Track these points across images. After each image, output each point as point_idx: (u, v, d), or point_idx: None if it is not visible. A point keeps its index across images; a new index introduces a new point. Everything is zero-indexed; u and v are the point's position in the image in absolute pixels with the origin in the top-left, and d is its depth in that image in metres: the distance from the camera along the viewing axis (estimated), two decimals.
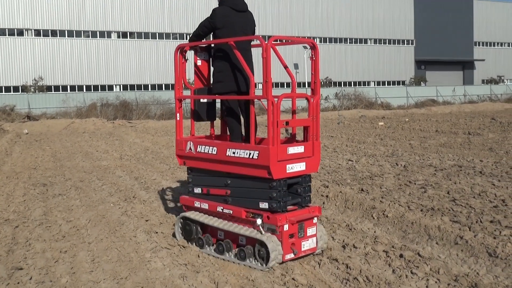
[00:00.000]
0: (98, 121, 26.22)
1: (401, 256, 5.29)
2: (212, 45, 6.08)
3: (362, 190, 8.23)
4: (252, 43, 5.98)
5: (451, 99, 42.61)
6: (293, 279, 4.78)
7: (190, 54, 6.06)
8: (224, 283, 4.72)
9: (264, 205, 5.13)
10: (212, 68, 6.13)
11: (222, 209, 5.49)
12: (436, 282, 4.62)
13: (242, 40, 5.56)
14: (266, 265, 4.96)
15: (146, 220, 6.93)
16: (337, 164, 11.18)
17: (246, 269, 5.12)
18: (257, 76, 6.03)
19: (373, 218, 6.87)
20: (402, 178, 9.21)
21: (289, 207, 5.22)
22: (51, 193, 8.93)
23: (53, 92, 39.23)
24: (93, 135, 21.49)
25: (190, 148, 5.79)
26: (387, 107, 36.81)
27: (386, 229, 6.42)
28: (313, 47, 5.44)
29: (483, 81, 58.18)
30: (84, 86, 42.14)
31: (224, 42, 5.58)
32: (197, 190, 5.85)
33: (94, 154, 14.64)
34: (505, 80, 57.66)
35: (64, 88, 41.36)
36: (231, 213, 5.40)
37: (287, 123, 5.15)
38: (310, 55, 5.52)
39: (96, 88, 42.24)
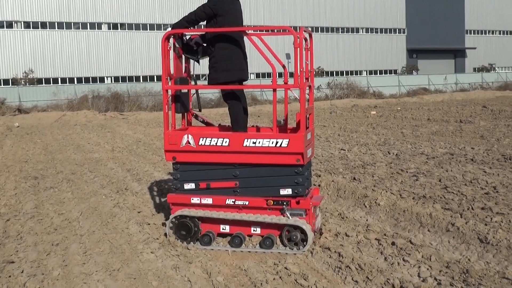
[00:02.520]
0: (90, 113, 26.10)
1: (393, 244, 5.31)
2: (201, 33, 5.95)
3: (354, 179, 8.24)
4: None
5: (443, 87, 42.70)
6: (285, 268, 4.79)
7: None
8: (217, 273, 4.72)
9: (286, 191, 5.33)
10: (184, 56, 6.03)
11: (234, 201, 5.42)
12: (428, 269, 4.64)
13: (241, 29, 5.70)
14: (303, 248, 5.21)
15: (139, 212, 6.91)
16: (329, 153, 11.19)
17: (238, 259, 5.12)
18: (254, 66, 6.00)
19: (365, 206, 6.89)
20: (394, 166, 9.23)
21: None
22: (43, 186, 8.89)
23: (43, 84, 38.92)
24: (85, 128, 21.39)
25: (188, 142, 5.44)
26: (379, 96, 36.86)
27: (378, 217, 6.44)
28: (307, 37, 5.52)
29: (474, 69, 58.27)
30: (75, 78, 41.86)
31: (247, 30, 5.63)
32: (189, 186, 5.54)
33: (86, 146, 14.57)
34: (496, 68, 57.78)
35: (55, 81, 41.06)
36: (247, 204, 5.40)
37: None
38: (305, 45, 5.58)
39: (87, 80, 41.96)
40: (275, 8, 49.07)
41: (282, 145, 5.22)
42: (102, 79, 42.55)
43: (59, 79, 41.46)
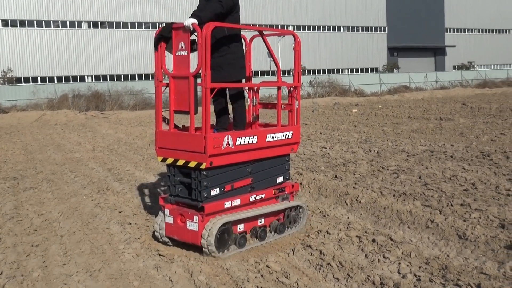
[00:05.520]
0: (70, 113, 25.84)
1: (373, 241, 5.36)
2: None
3: (335, 177, 8.29)
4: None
5: (423, 85, 43.13)
6: (267, 266, 4.80)
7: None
8: (199, 272, 4.71)
9: (280, 179, 5.87)
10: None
11: (255, 197, 5.56)
12: (407, 265, 4.69)
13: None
14: (302, 222, 5.95)
15: (120, 212, 6.88)
16: (311, 151, 11.23)
17: (220, 258, 5.12)
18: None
19: (347, 204, 6.93)
20: (375, 164, 9.30)
21: None
22: (22, 187, 8.79)
23: (23, 83, 38.41)
24: (65, 127, 21.18)
25: (228, 143, 5.12)
26: (360, 94, 37.10)
27: (359, 215, 6.49)
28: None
29: (454, 67, 58.90)
30: (55, 77, 41.35)
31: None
32: (215, 192, 5.18)
33: (66, 146, 14.43)
34: (475, 66, 58.48)
35: (35, 80, 40.53)
36: (263, 197, 5.65)
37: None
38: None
39: (67, 79, 41.47)
40: (257, 7, 49.03)
41: (288, 137, 5.77)
42: (82, 78, 42.10)
43: (39, 78, 40.93)
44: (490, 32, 63.57)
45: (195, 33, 5.12)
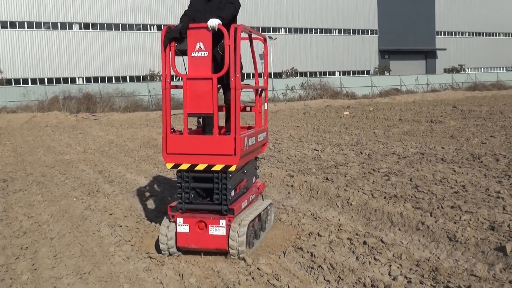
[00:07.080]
0: (61, 115, 25.72)
1: (364, 243, 5.36)
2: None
3: (327, 179, 8.29)
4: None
5: (414, 88, 43.30)
6: (258, 268, 4.79)
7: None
8: (189, 275, 4.70)
9: (254, 178, 6.03)
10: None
11: (251, 197, 5.69)
12: (398, 267, 4.70)
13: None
14: (272, 217, 6.18)
15: (110, 214, 6.84)
16: (302, 153, 11.24)
17: (211, 260, 5.11)
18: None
19: (338, 206, 6.94)
20: (366, 166, 9.31)
21: None
22: (12, 189, 8.72)
23: (13, 85, 38.20)
24: (56, 129, 21.07)
25: (246, 144, 5.11)
26: (352, 97, 37.19)
27: (350, 217, 6.49)
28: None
29: (445, 70, 59.25)
30: (46, 79, 41.15)
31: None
32: (232, 194, 5.14)
33: (57, 148, 14.35)
34: (466, 69, 58.84)
35: (25, 81, 40.32)
36: (254, 197, 5.81)
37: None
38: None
39: (58, 80, 41.29)
40: (248, 9, 49.04)
41: (264, 138, 5.91)
42: (73, 80, 41.93)
43: (29, 79, 40.72)
44: (480, 36, 64.05)
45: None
